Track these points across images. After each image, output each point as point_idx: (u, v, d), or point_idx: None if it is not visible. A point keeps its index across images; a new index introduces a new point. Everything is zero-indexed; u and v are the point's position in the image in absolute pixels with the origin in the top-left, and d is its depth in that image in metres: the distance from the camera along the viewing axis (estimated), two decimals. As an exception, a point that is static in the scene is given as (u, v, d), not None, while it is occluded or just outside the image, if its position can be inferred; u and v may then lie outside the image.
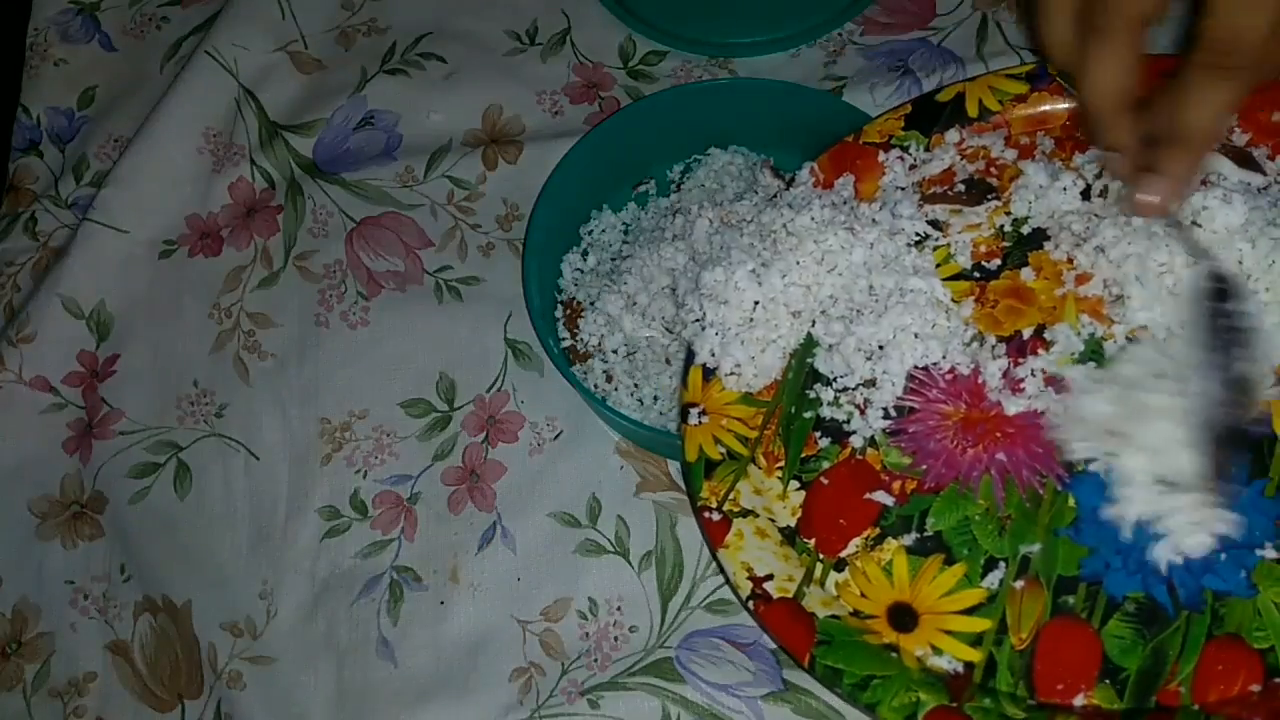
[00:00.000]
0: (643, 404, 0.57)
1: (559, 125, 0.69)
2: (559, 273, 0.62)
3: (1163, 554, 0.44)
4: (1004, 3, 0.69)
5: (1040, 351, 0.49)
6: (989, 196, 0.53)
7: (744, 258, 0.51)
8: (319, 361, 0.64)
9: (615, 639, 0.55)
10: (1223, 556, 0.43)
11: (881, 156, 0.56)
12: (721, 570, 0.47)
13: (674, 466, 0.58)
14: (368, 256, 0.66)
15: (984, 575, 0.45)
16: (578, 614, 0.56)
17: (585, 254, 0.63)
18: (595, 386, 0.58)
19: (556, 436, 0.60)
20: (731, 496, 0.49)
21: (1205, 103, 0.43)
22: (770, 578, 0.46)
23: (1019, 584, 0.45)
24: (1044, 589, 0.44)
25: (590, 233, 0.63)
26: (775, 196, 0.56)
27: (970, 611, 0.45)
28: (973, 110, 0.56)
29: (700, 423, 0.50)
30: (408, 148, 0.69)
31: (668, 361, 0.57)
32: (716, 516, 0.48)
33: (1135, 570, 0.44)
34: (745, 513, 0.48)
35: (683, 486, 0.57)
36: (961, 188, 0.54)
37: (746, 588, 0.46)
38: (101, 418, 0.64)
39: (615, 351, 0.59)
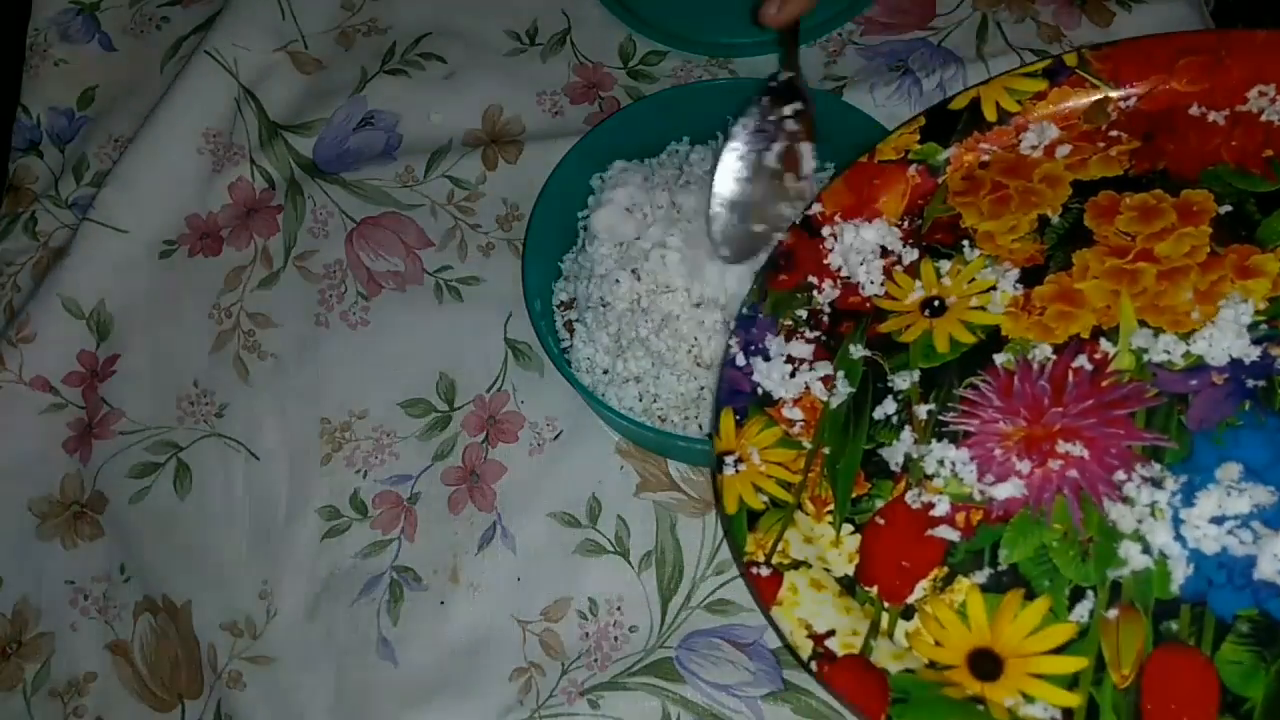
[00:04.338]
0: (641, 399, 0.57)
1: (559, 125, 0.69)
2: (559, 272, 0.62)
3: (1269, 562, 0.39)
4: (1004, 3, 0.69)
5: (1096, 354, 0.45)
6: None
7: None
8: (319, 361, 0.64)
9: (615, 639, 0.55)
10: None
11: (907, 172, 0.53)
12: (778, 631, 0.43)
13: (674, 466, 0.58)
14: (368, 256, 0.66)
15: (1071, 607, 0.41)
16: (578, 614, 0.56)
17: (584, 249, 0.63)
18: (594, 385, 0.58)
19: (556, 436, 0.60)
20: (780, 548, 0.44)
21: None
22: (832, 634, 0.42)
23: (1112, 613, 0.40)
24: (1142, 616, 0.40)
25: (587, 227, 0.63)
26: None
27: (1061, 650, 0.40)
28: (990, 114, 0.53)
29: (737, 471, 0.47)
30: (408, 148, 0.69)
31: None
32: (765, 571, 0.44)
33: (1243, 584, 0.39)
34: (797, 564, 0.44)
35: (683, 486, 0.57)
36: None
37: (807, 648, 0.42)
38: (101, 418, 0.64)
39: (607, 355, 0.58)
